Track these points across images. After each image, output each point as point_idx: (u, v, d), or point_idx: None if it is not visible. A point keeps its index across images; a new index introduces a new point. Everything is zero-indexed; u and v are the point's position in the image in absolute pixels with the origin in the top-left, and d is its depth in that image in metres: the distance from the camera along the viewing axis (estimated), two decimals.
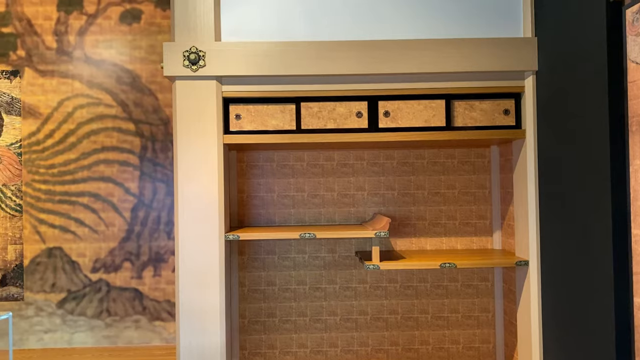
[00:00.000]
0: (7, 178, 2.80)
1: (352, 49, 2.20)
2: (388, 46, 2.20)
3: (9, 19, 2.80)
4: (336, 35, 2.27)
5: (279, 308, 2.67)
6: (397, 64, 2.19)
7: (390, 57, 2.19)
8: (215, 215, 2.20)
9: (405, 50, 2.19)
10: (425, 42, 2.21)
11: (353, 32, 2.27)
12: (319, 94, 2.26)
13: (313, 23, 2.27)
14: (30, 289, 2.80)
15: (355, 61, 2.19)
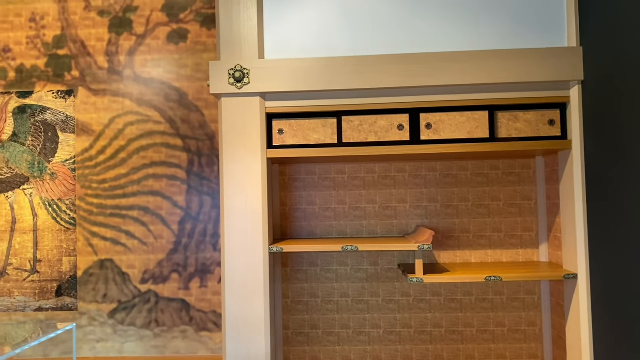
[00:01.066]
0: (62, 193, 2.94)
1: (393, 63, 2.22)
2: (429, 59, 2.21)
3: (64, 42, 2.96)
4: (377, 49, 2.29)
5: (322, 320, 2.69)
6: (439, 76, 2.19)
7: (432, 70, 2.20)
8: (259, 227, 2.25)
9: (447, 63, 2.20)
10: (467, 54, 2.20)
11: (394, 46, 2.29)
12: (360, 107, 2.29)
13: (354, 38, 2.31)
14: (83, 299, 2.92)
15: (396, 74, 2.21)
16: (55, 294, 2.92)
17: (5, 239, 2.94)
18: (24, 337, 2.48)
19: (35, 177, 2.94)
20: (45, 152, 2.94)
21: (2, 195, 2.94)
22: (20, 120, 2.95)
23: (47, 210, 2.93)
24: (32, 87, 2.95)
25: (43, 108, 2.94)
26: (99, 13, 2.95)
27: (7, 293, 2.93)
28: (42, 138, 2.94)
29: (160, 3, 2.94)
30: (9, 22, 2.96)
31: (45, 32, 2.95)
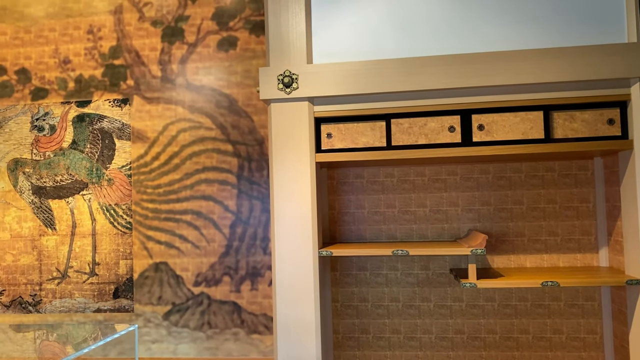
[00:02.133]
0: (119, 198, 3.05)
1: (443, 64, 2.18)
2: (482, 59, 2.16)
3: (119, 52, 3.07)
4: (426, 50, 2.26)
5: (372, 324, 2.67)
6: (491, 76, 2.14)
7: (484, 70, 2.15)
8: (308, 231, 2.26)
9: (500, 62, 2.15)
10: (521, 53, 2.14)
11: (444, 47, 2.26)
12: (410, 109, 2.26)
13: (401, 40, 2.29)
14: (139, 301, 3.01)
15: (447, 75, 2.18)
16: (113, 295, 3.03)
17: (66, 242, 3.07)
18: (83, 337, 2.58)
19: (94, 183, 3.06)
20: (103, 158, 3.06)
21: (63, 201, 3.08)
22: (79, 128, 3.08)
23: (104, 214, 3.04)
24: (90, 97, 3.08)
25: (100, 116, 3.06)
26: (152, 23, 3.04)
27: (68, 294, 3.06)
28: (99, 145, 3.06)
29: (210, 12, 3.01)
30: (69, 34, 3.10)
31: (102, 43, 3.07)
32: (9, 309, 3.09)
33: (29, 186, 3.09)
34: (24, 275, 3.09)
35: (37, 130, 3.09)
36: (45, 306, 3.06)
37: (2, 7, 3.14)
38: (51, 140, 3.08)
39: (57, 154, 3.08)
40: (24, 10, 3.13)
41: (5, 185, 3.11)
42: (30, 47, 3.12)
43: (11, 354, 2.43)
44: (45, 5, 3.12)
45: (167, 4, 3.03)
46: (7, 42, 3.14)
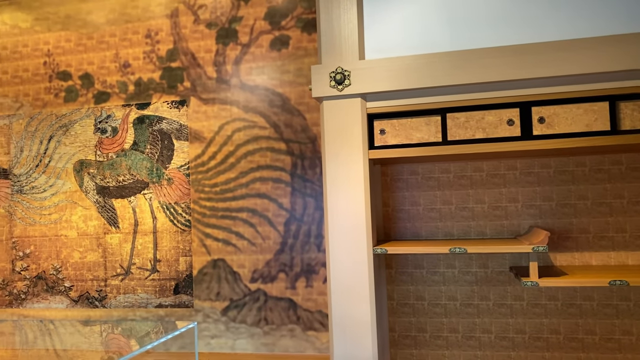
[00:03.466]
0: (178, 197, 3.14)
1: (500, 55, 2.11)
2: (541, 49, 2.07)
3: (176, 55, 3.15)
4: (482, 42, 2.20)
5: (430, 323, 2.63)
6: (552, 66, 2.05)
7: (544, 60, 2.06)
8: (363, 228, 2.24)
9: (561, 52, 2.05)
10: (583, 41, 2.04)
11: (500, 38, 2.18)
12: (466, 103, 2.20)
13: (457, 32, 2.23)
14: (198, 297, 3.09)
15: (504, 67, 2.10)
16: (173, 291, 3.12)
17: (129, 240, 3.19)
18: (146, 331, 2.67)
19: (154, 182, 3.16)
20: (162, 159, 3.15)
21: (125, 200, 3.20)
22: (139, 130, 3.19)
23: (165, 213, 3.14)
24: (149, 99, 3.18)
25: (159, 118, 3.16)
26: (207, 25, 3.11)
27: (131, 290, 3.18)
28: (159, 146, 3.16)
29: (263, 12, 3.04)
30: (128, 39, 3.21)
31: (160, 47, 3.17)
32: (77, 304, 3.25)
33: (94, 186, 3.23)
34: (90, 271, 3.23)
35: (100, 133, 3.23)
36: (110, 301, 3.20)
37: (66, 16, 3.29)
38: (113, 141, 3.21)
39: (119, 155, 3.20)
40: (86, 18, 3.27)
41: (72, 185, 3.26)
42: (92, 52, 3.26)
43: (80, 346, 2.54)
44: (106, 12, 3.24)
45: (221, 5, 3.09)
46: (72, 48, 3.28)
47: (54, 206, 3.28)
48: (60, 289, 3.26)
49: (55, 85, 3.30)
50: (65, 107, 3.28)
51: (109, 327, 2.91)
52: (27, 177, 3.32)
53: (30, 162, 3.32)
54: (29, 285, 3.31)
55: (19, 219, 3.33)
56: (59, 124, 3.29)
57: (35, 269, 3.30)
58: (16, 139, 3.34)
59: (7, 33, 3.38)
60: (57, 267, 3.27)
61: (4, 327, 2.98)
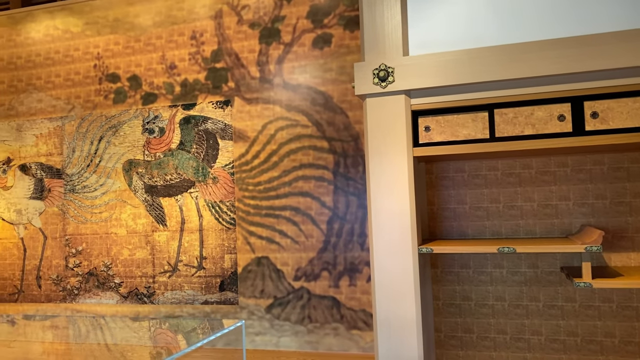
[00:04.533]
0: (223, 195, 3.18)
1: (550, 48, 2.04)
2: (593, 41, 1.99)
3: (221, 56, 3.20)
4: (530, 35, 2.13)
5: (476, 324, 2.57)
6: (606, 59, 1.97)
7: (597, 53, 1.98)
8: (407, 227, 2.21)
9: (614, 44, 1.96)
10: (638, 32, 1.95)
11: (548, 31, 2.11)
12: (514, 98, 2.14)
13: (503, 26, 2.17)
14: (243, 294, 3.13)
15: (554, 61, 2.03)
16: (219, 288, 3.17)
17: (176, 238, 3.26)
18: (193, 328, 2.72)
19: (200, 181, 3.22)
20: (208, 158, 3.20)
21: (172, 199, 3.27)
22: (185, 130, 3.25)
23: (210, 211, 3.19)
24: (194, 100, 3.24)
25: (204, 118, 3.21)
26: (250, 26, 3.14)
27: (178, 287, 3.24)
28: (204, 145, 3.21)
29: (305, 10, 3.04)
30: (174, 41, 3.28)
31: (204, 48, 3.22)
32: (126, 300, 3.34)
33: (142, 185, 3.32)
34: (139, 268, 3.32)
35: (148, 133, 3.31)
36: (158, 297, 3.27)
37: (115, 19, 3.39)
38: (161, 141, 3.29)
39: (166, 155, 3.27)
40: (134, 21, 3.36)
41: (121, 184, 3.36)
42: (140, 55, 3.34)
43: (129, 341, 2.61)
44: (153, 15, 3.32)
45: (264, 5, 3.11)
46: (120, 51, 3.38)
47: (105, 205, 3.39)
48: (111, 285, 3.37)
49: (104, 87, 3.40)
50: (115, 108, 3.38)
51: (157, 323, 2.98)
52: (78, 176, 3.44)
53: (82, 162, 3.44)
54: (81, 281, 3.43)
55: (72, 217, 3.45)
56: (108, 125, 3.39)
57: (87, 265, 3.41)
58: (68, 139, 3.47)
59: (59, 37, 3.51)
60: (107, 264, 3.37)
61: (58, 322, 3.10)
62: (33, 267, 3.53)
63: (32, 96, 3.55)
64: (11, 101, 3.60)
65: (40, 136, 3.53)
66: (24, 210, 3.55)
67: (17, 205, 3.57)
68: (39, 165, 3.53)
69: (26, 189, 3.55)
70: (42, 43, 3.54)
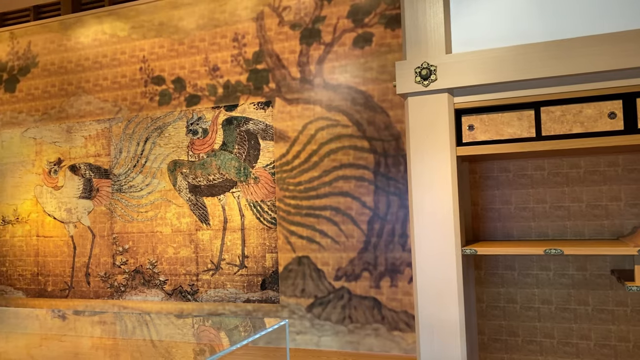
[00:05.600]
0: (264, 195, 3.21)
1: (600, 44, 1.97)
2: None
3: (262, 57, 3.23)
4: (577, 31, 2.06)
5: (522, 327, 2.51)
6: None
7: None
8: (450, 228, 2.18)
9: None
10: None
11: (597, 26, 2.04)
12: (562, 96, 2.08)
13: (550, 21, 2.11)
14: (284, 293, 3.15)
15: (604, 57, 1.96)
16: (260, 287, 3.21)
17: (219, 236, 3.31)
18: (236, 326, 2.75)
19: (242, 181, 3.26)
20: (249, 158, 3.24)
21: (215, 198, 3.32)
22: (228, 130, 3.30)
23: (252, 210, 3.23)
24: (236, 101, 3.28)
25: (246, 119, 3.25)
26: (291, 27, 3.16)
27: (221, 285, 3.30)
28: (246, 146, 3.25)
29: (346, 10, 3.04)
30: (217, 43, 3.33)
31: (246, 50, 3.26)
32: (171, 297, 3.42)
33: (186, 185, 3.39)
34: (183, 266, 3.39)
35: (191, 134, 3.38)
36: (201, 295, 3.34)
37: (159, 23, 3.47)
38: (204, 142, 3.35)
39: (209, 155, 3.33)
40: (178, 24, 3.43)
41: (166, 184, 3.44)
42: (184, 57, 3.41)
43: (174, 337, 2.66)
44: (196, 18, 3.39)
45: (305, 6, 3.13)
46: (165, 54, 3.46)
47: (150, 204, 3.47)
48: (156, 282, 3.45)
49: (150, 89, 3.49)
50: (160, 110, 3.46)
51: (201, 321, 3.04)
52: (125, 176, 3.55)
53: (129, 163, 3.54)
54: (128, 278, 3.53)
55: (119, 216, 3.56)
56: (154, 127, 3.48)
57: (133, 263, 3.51)
58: (115, 141, 3.58)
59: (106, 42, 3.62)
60: (152, 262, 3.46)
61: (106, 318, 3.20)
62: (82, 265, 3.65)
63: (82, 99, 3.68)
64: (62, 104, 3.74)
65: (89, 137, 3.65)
66: (73, 209, 3.68)
67: (67, 204, 3.70)
68: (87, 165, 3.65)
69: (76, 188, 3.68)
70: (91, 47, 3.66)
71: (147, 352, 2.51)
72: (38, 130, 3.81)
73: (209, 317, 3.21)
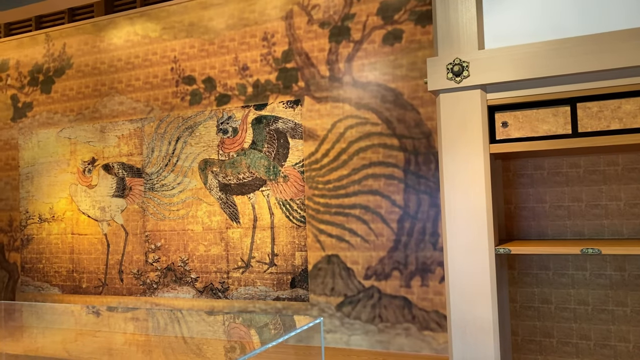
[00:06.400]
0: (293, 193, 3.22)
1: (637, 38, 1.91)
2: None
3: (291, 56, 3.24)
4: (615, 24, 2.00)
5: (557, 328, 2.45)
6: None
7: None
8: (484, 227, 2.14)
9: None
10: None
11: (637, 19, 1.97)
12: (599, 91, 2.02)
13: (586, 15, 2.05)
14: (313, 292, 3.15)
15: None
16: (290, 285, 3.21)
17: (249, 235, 3.33)
18: (265, 322, 2.77)
19: (271, 179, 3.27)
20: (278, 157, 3.25)
21: (245, 197, 3.34)
22: (257, 129, 3.31)
23: (281, 209, 3.24)
24: (266, 100, 3.30)
25: (275, 118, 3.26)
26: (320, 25, 3.16)
27: (251, 283, 3.32)
28: (275, 145, 3.27)
29: (375, 7, 3.02)
30: (246, 42, 3.35)
31: (275, 49, 3.27)
32: (202, 294, 3.46)
33: (217, 184, 3.42)
34: (214, 264, 3.42)
35: (222, 133, 3.41)
36: (232, 293, 3.36)
37: (190, 24, 3.51)
38: (234, 141, 3.37)
39: (239, 154, 3.36)
40: (208, 24, 3.46)
41: (197, 183, 3.48)
42: (214, 57, 3.44)
43: (205, 334, 2.69)
44: (226, 18, 3.41)
45: (334, 4, 3.12)
46: (195, 54, 3.50)
47: (181, 202, 3.52)
48: (187, 280, 3.50)
49: (181, 89, 3.53)
50: (190, 109, 3.50)
51: (231, 318, 3.06)
52: (157, 175, 3.60)
53: (160, 162, 3.59)
54: (160, 275, 3.58)
55: (151, 214, 3.61)
56: (185, 126, 3.52)
57: (165, 260, 3.56)
58: (147, 140, 3.63)
59: (138, 43, 3.68)
60: (184, 260, 3.51)
61: (139, 314, 3.25)
62: (116, 262, 3.72)
63: (114, 99, 3.75)
64: (95, 104, 3.82)
65: (121, 137, 3.72)
66: (107, 208, 3.76)
67: (101, 202, 3.78)
68: (120, 164, 3.72)
69: (109, 187, 3.75)
70: (123, 48, 3.73)
71: (178, 349, 2.54)
72: (73, 130, 3.89)
73: (239, 314, 3.24)
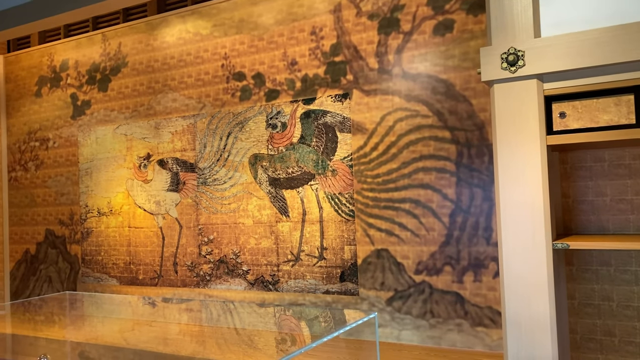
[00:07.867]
0: (342, 187, 3.21)
1: None
2: None
3: (339, 49, 3.22)
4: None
5: (619, 327, 2.35)
6: None
7: None
8: (540, 221, 2.07)
9: None
10: None
11: None
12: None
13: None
14: (363, 286, 3.14)
15: None
16: (339, 279, 3.22)
17: (298, 228, 3.35)
18: (315, 315, 2.78)
19: (320, 173, 3.28)
20: (327, 151, 3.26)
21: (294, 191, 3.37)
22: (306, 124, 3.33)
23: (330, 203, 3.25)
24: (314, 94, 3.30)
25: (324, 112, 3.27)
26: (368, 17, 3.13)
27: (300, 276, 3.34)
28: (324, 139, 3.27)
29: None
30: (295, 37, 3.36)
31: (324, 43, 3.27)
32: (253, 287, 3.51)
33: (266, 178, 3.46)
34: (265, 257, 3.47)
35: (271, 128, 3.44)
36: (282, 285, 3.40)
37: (240, 20, 3.56)
38: (283, 136, 3.40)
39: (288, 149, 3.38)
40: (257, 20, 3.50)
41: (247, 177, 3.53)
42: (263, 53, 3.47)
43: (256, 326, 2.73)
44: (274, 13, 3.43)
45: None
46: (245, 50, 3.54)
47: (233, 196, 3.58)
48: (239, 272, 3.56)
49: (231, 85, 3.58)
50: (241, 105, 3.55)
51: (282, 310, 3.10)
52: (209, 170, 3.68)
53: (212, 157, 3.66)
54: (213, 268, 3.66)
55: (204, 208, 3.70)
56: (235, 122, 3.57)
57: (218, 253, 3.64)
58: (200, 136, 3.71)
59: (190, 40, 3.75)
60: (236, 252, 3.57)
61: (193, 305, 3.34)
62: (170, 254, 3.83)
63: (168, 96, 3.84)
64: (150, 101, 3.93)
65: (175, 133, 3.81)
66: (162, 202, 3.87)
67: (156, 197, 3.90)
68: (174, 160, 3.82)
69: (164, 182, 3.86)
70: (175, 46, 3.82)
71: (231, 339, 2.60)
72: (128, 126, 4.03)
73: (290, 306, 3.27)
